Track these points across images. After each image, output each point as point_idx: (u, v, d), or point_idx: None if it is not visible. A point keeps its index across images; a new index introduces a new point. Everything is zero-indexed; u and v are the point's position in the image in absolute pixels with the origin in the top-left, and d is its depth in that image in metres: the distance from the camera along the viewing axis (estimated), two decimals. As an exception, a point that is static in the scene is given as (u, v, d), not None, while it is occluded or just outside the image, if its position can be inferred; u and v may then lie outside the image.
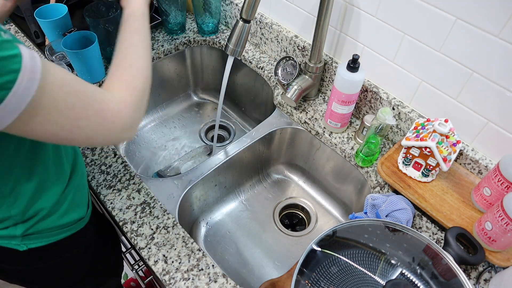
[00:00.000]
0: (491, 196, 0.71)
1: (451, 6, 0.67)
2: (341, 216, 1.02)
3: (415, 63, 0.79)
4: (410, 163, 0.78)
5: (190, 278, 0.67)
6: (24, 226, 0.60)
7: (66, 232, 0.67)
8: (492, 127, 0.74)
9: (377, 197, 0.76)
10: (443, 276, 0.60)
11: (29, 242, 0.63)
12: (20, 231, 0.60)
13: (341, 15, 0.86)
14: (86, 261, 0.79)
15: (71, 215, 0.66)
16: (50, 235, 0.64)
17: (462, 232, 0.69)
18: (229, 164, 0.93)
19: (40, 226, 0.62)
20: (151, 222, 0.74)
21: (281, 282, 0.67)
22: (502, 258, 0.68)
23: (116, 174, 0.81)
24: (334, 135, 0.92)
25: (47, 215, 0.62)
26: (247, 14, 0.77)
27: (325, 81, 0.98)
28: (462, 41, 0.69)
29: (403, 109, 0.84)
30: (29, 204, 0.58)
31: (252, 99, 1.17)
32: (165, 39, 1.13)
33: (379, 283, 0.58)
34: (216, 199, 1.00)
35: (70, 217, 0.66)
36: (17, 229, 0.60)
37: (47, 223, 0.63)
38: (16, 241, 0.62)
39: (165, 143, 1.17)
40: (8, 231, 0.60)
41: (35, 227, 0.61)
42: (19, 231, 0.60)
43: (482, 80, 0.70)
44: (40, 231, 0.63)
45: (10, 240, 0.61)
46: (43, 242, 0.64)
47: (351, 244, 0.64)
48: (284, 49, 1.03)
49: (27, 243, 0.62)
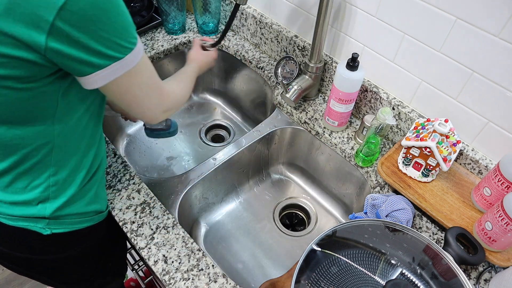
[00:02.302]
0: (491, 196, 0.71)
1: (451, 6, 0.67)
2: (341, 216, 1.02)
3: (415, 63, 0.79)
4: (410, 163, 0.78)
5: (190, 278, 0.67)
6: (54, 205, 0.62)
7: (88, 221, 0.68)
8: (492, 127, 0.73)
9: (377, 197, 0.76)
10: (443, 276, 0.60)
11: (54, 226, 0.64)
12: (49, 211, 0.62)
13: (341, 15, 0.86)
14: (96, 257, 0.79)
15: (94, 206, 0.69)
16: (74, 222, 0.66)
17: (462, 232, 0.69)
18: (229, 164, 0.93)
19: (67, 210, 0.64)
20: (151, 222, 0.74)
21: (281, 282, 0.67)
22: (502, 258, 0.68)
23: (116, 174, 0.81)
24: (334, 135, 0.92)
25: (75, 198, 0.64)
26: None
27: (325, 81, 0.98)
28: (462, 41, 0.69)
29: (403, 109, 0.84)
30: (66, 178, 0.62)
31: (252, 99, 1.17)
32: (165, 39, 1.13)
33: (379, 283, 0.58)
34: (216, 199, 1.00)
35: (93, 207, 0.69)
36: (47, 208, 0.62)
37: (74, 207, 0.65)
38: (42, 224, 0.63)
39: (165, 143, 1.17)
40: (38, 209, 0.61)
41: (63, 210, 0.63)
42: (49, 210, 0.62)
43: (482, 80, 0.70)
44: (66, 216, 0.64)
45: (36, 223, 0.62)
46: (67, 229, 0.66)
47: (351, 244, 0.64)
48: (284, 49, 1.03)
49: (52, 227, 0.64)
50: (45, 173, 0.60)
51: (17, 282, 1.53)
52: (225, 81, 1.23)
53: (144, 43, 1.11)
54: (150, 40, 1.12)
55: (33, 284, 1.53)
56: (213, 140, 1.20)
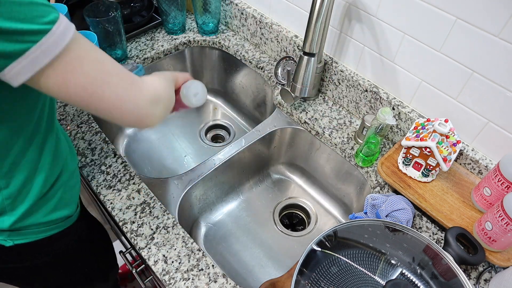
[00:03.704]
0: (491, 196, 0.71)
1: (451, 6, 0.67)
2: (341, 216, 1.02)
3: (415, 63, 0.79)
4: (410, 163, 0.78)
5: (190, 278, 0.67)
6: (12, 218, 0.58)
7: (54, 229, 0.65)
8: (492, 127, 0.73)
9: (377, 197, 0.76)
10: (443, 276, 0.60)
11: (16, 237, 0.61)
12: (7, 224, 0.58)
13: (342, 15, 0.86)
14: (76, 261, 0.77)
15: (60, 212, 0.65)
16: (38, 232, 0.63)
17: (462, 232, 0.69)
18: (229, 164, 0.93)
19: (28, 221, 0.60)
20: (151, 222, 0.74)
21: (281, 282, 0.67)
22: (502, 258, 0.68)
23: (116, 174, 0.81)
24: (334, 135, 0.92)
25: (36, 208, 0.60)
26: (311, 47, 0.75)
27: (325, 81, 0.98)
28: (462, 41, 0.69)
29: (403, 109, 0.84)
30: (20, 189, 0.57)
31: (252, 99, 1.17)
32: (165, 39, 1.13)
33: (379, 283, 0.58)
34: (216, 199, 1.00)
35: (58, 214, 0.65)
36: (4, 221, 0.58)
37: (35, 218, 0.61)
38: (3, 236, 0.60)
39: (165, 143, 1.17)
40: None
41: (23, 222, 0.60)
42: (7, 223, 0.58)
43: (482, 80, 0.70)
44: (28, 226, 0.61)
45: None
46: (31, 239, 0.62)
47: (351, 244, 0.64)
48: (284, 49, 1.03)
49: (13, 238, 0.61)
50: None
51: (17, 282, 1.53)
52: (225, 81, 1.23)
53: (144, 43, 1.11)
54: (150, 40, 1.12)
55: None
56: (213, 140, 1.20)
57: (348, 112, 0.97)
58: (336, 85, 0.96)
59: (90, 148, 0.85)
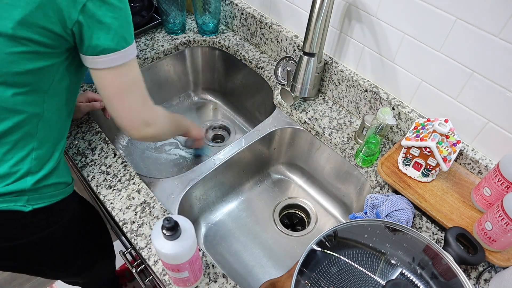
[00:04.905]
0: (491, 196, 0.71)
1: (451, 6, 0.67)
2: (341, 216, 1.02)
3: (415, 63, 0.79)
4: (410, 163, 0.78)
5: (190, 278, 0.67)
6: (35, 178, 0.64)
7: (60, 194, 0.71)
8: (492, 127, 0.74)
9: (377, 197, 0.76)
10: (443, 276, 0.60)
11: (34, 202, 0.65)
12: (30, 183, 0.64)
13: (342, 15, 0.86)
14: (75, 233, 0.82)
15: (63, 178, 0.72)
16: (50, 195, 0.68)
17: (462, 232, 0.69)
18: (229, 164, 0.93)
19: (45, 182, 0.66)
20: (151, 222, 0.74)
21: (281, 282, 0.67)
22: (502, 258, 0.68)
23: (116, 174, 0.81)
24: (334, 135, 0.92)
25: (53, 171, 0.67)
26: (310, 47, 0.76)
27: (325, 81, 0.98)
28: (462, 41, 0.69)
29: (403, 109, 0.84)
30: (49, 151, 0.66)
31: (252, 99, 1.17)
32: (165, 39, 1.13)
33: (379, 283, 0.58)
34: (216, 199, 1.00)
35: (63, 179, 0.72)
36: (28, 181, 0.63)
37: (51, 179, 0.67)
38: (22, 202, 0.64)
39: (165, 143, 1.17)
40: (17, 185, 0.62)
41: (41, 182, 0.65)
42: (29, 183, 0.64)
43: (482, 80, 0.70)
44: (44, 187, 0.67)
45: (16, 201, 0.63)
46: (46, 202, 0.68)
47: (351, 244, 0.64)
48: (284, 49, 1.03)
49: (32, 203, 0.65)
50: (29, 146, 0.63)
51: (17, 282, 1.53)
52: (225, 81, 1.23)
53: (144, 43, 1.11)
54: (150, 40, 1.12)
55: (34, 284, 1.53)
56: (213, 140, 1.20)
57: (348, 112, 0.97)
58: (336, 85, 0.96)
59: (90, 148, 0.85)
